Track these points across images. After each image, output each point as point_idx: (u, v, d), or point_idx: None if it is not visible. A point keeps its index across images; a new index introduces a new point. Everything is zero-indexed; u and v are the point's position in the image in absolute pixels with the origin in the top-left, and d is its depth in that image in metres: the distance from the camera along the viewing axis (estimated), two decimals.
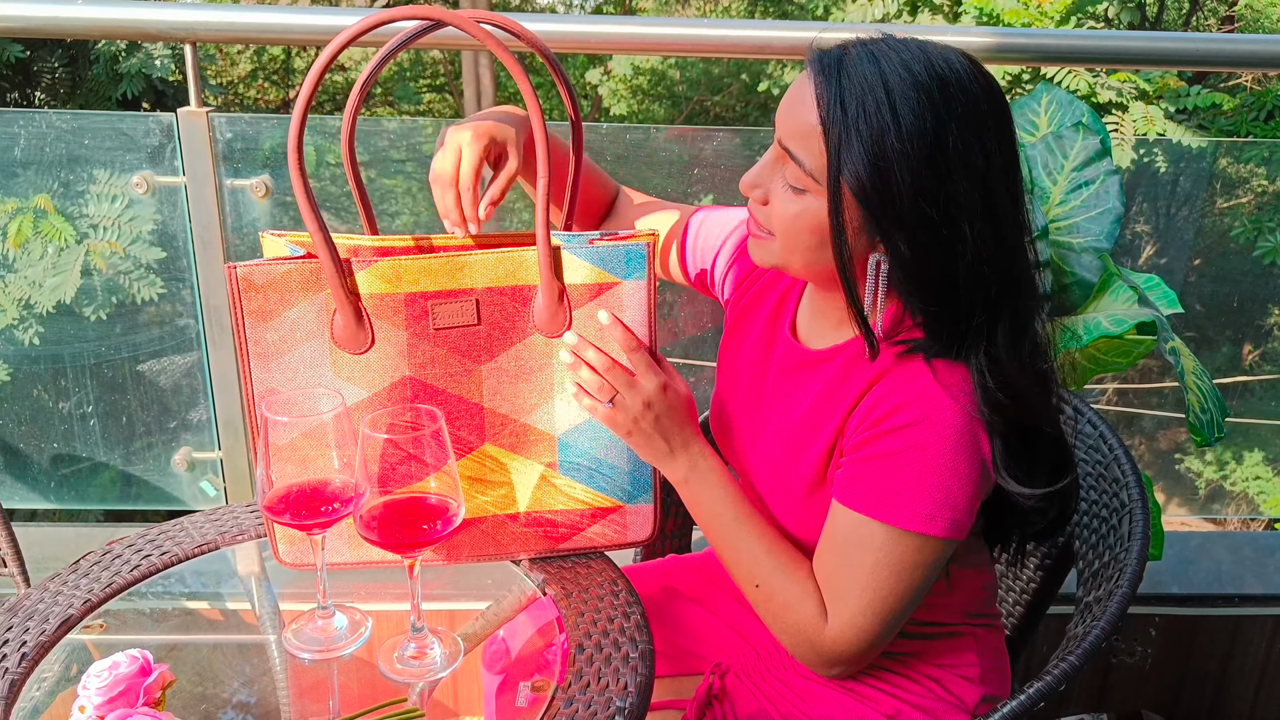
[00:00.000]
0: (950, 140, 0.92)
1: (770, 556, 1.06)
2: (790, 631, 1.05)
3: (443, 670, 1.04)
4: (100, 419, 2.26)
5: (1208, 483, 3.56)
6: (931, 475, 0.98)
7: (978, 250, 0.94)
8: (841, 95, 0.92)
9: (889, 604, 1.01)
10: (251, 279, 1.02)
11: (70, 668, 1.04)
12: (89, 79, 6.14)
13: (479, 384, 1.08)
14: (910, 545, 1.00)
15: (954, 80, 0.93)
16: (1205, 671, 2.04)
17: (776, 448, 1.12)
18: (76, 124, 2.08)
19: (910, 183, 0.91)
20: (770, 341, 1.18)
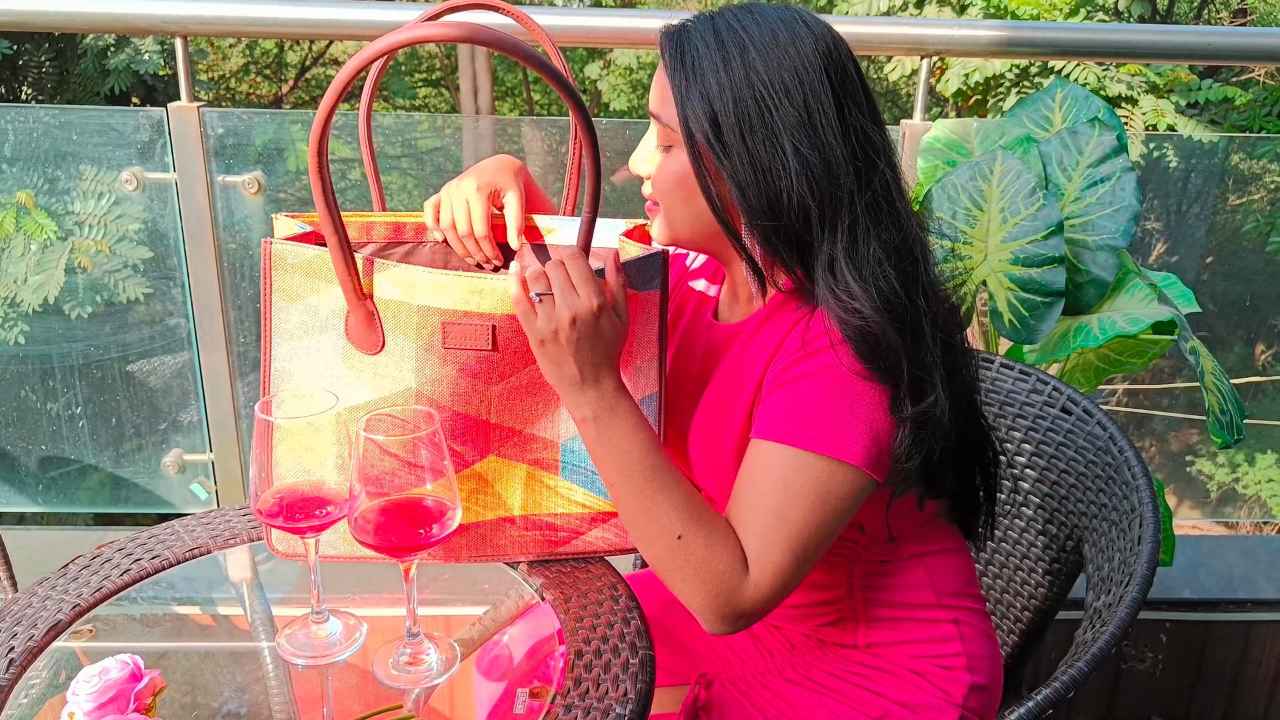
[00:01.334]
0: (774, 70, 1.01)
1: (690, 505, 1.01)
2: (709, 585, 0.99)
3: (439, 676, 1.05)
4: (89, 420, 2.26)
5: (1220, 485, 3.56)
6: (843, 399, 1.00)
7: (800, 174, 1.01)
8: (682, 51, 1.04)
9: (803, 537, 0.99)
10: (284, 257, 1.04)
11: (59, 674, 1.05)
12: (77, 74, 6.14)
13: (488, 403, 1.07)
14: (824, 472, 0.99)
15: (781, 23, 1.03)
16: (1217, 678, 2.04)
17: (708, 426, 1.13)
18: (65, 119, 2.08)
19: (735, 111, 1.01)
20: (695, 333, 1.22)
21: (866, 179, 1.03)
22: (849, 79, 1.04)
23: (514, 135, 2.69)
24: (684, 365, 1.21)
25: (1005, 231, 1.71)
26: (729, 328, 1.16)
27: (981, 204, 1.74)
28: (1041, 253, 1.68)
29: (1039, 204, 1.68)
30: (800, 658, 1.21)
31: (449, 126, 3.77)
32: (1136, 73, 6.78)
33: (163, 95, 6.12)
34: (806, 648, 1.22)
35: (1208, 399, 1.60)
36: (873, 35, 1.91)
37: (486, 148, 3.09)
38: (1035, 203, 1.68)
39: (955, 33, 1.87)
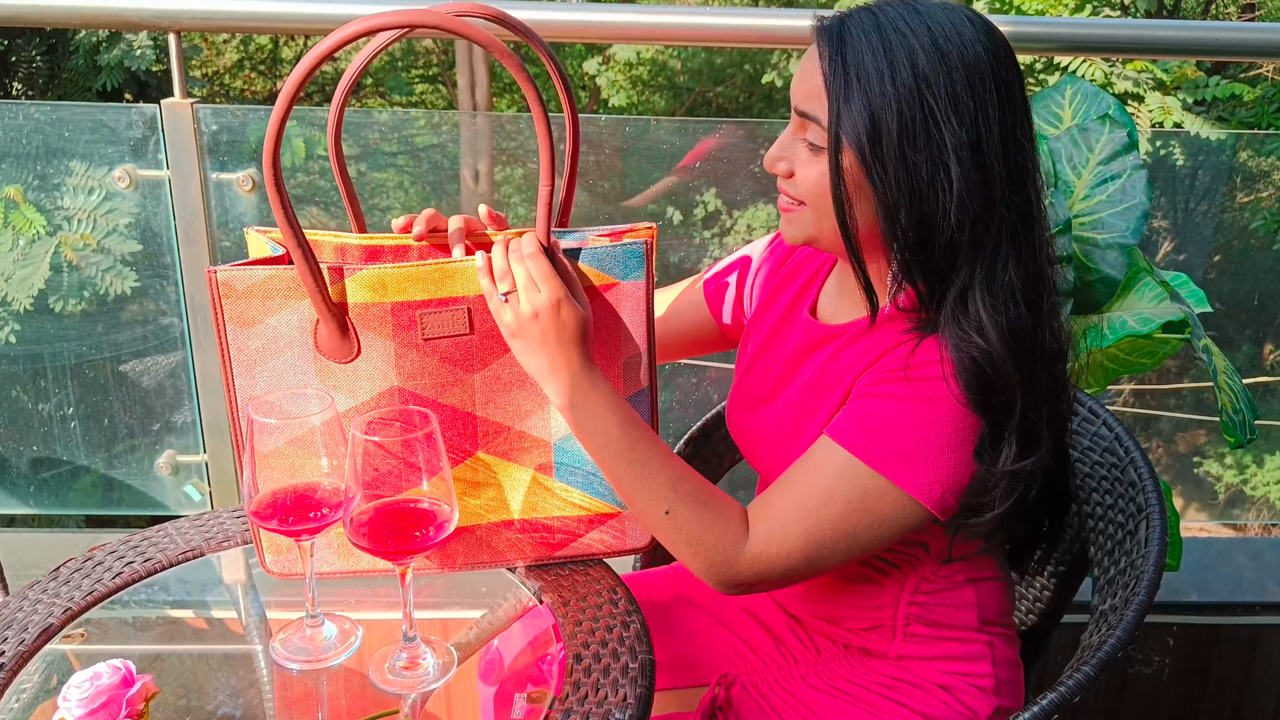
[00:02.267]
0: (942, 85, 0.96)
1: (679, 482, 1.04)
2: (704, 555, 1.03)
3: (436, 681, 1.04)
4: (81, 421, 2.26)
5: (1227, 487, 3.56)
6: (926, 430, 0.99)
7: (961, 201, 0.97)
8: (842, 51, 0.98)
9: (824, 538, 1.01)
10: (232, 284, 1.02)
11: (50, 678, 1.04)
12: (68, 70, 6.14)
13: (472, 393, 1.08)
14: (875, 490, 1.00)
15: (950, 30, 0.98)
16: (1225, 683, 2.04)
17: (786, 418, 1.14)
18: (56, 115, 2.08)
19: (898, 127, 0.96)
20: (790, 324, 1.21)
21: (1014, 201, 1.00)
22: (1014, 90, 1.00)
23: (512, 132, 2.68)
24: (773, 355, 1.21)
25: None
26: (828, 329, 1.15)
27: None
28: None
29: (1047, 201, 1.68)
30: (825, 665, 1.22)
31: (446, 123, 3.77)
32: (1143, 69, 6.79)
33: (156, 92, 6.12)
34: (832, 655, 1.22)
35: (1220, 398, 1.60)
36: None
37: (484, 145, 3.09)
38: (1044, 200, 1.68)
39: None
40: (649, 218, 2.38)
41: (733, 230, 2.53)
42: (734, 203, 2.52)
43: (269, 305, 1.03)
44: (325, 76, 11.86)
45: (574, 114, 1.10)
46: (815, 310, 1.20)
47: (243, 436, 1.04)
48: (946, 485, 1.01)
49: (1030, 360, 1.00)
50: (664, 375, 2.50)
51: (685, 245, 2.46)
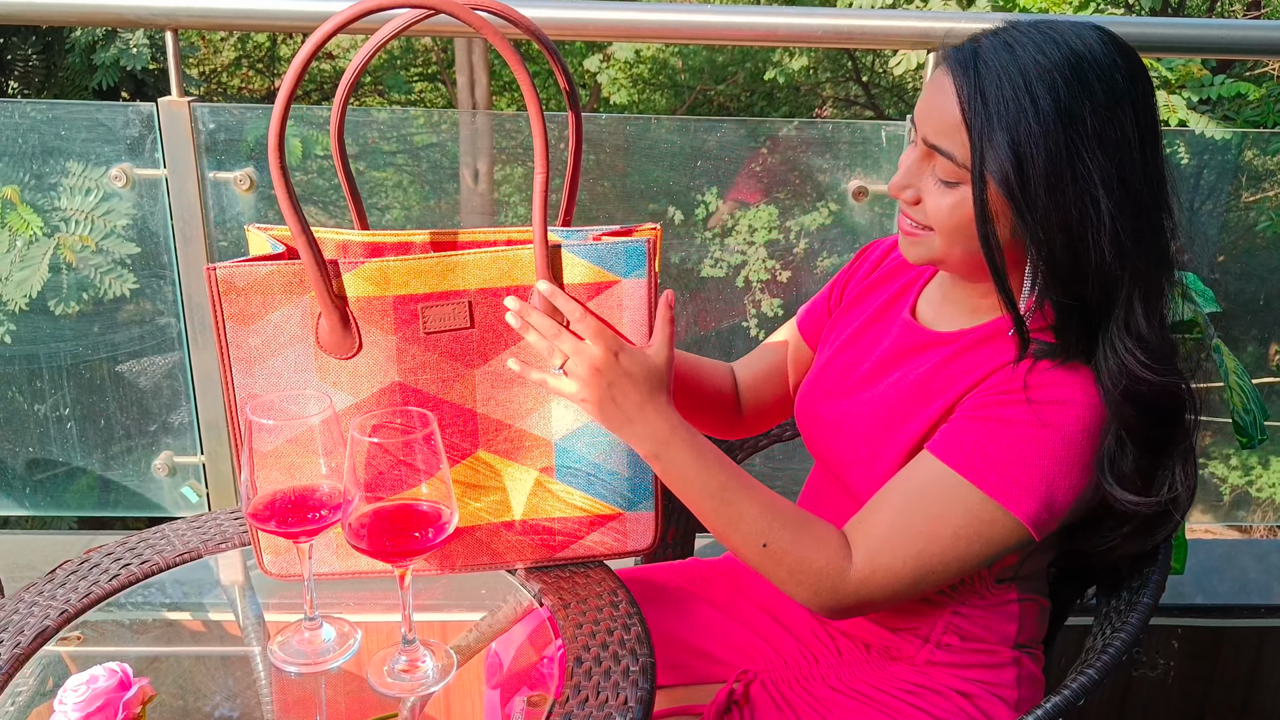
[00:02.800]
0: (1086, 118, 0.95)
1: (772, 513, 1.05)
2: (808, 584, 1.04)
3: (435, 684, 1.04)
4: (77, 422, 2.25)
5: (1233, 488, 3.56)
6: (1048, 459, 1.00)
7: (1114, 232, 0.96)
8: (981, 85, 0.97)
9: (934, 563, 1.02)
10: (232, 281, 1.02)
11: (46, 681, 1.04)
12: (64, 68, 6.14)
13: (472, 389, 1.08)
14: (987, 515, 1.01)
15: (1088, 57, 0.97)
16: (1231, 685, 2.04)
17: (878, 416, 1.13)
18: (52, 114, 2.08)
19: (1045, 163, 0.95)
20: (886, 323, 1.21)
21: (1163, 224, 1.01)
22: (1150, 109, 1.00)
23: (512, 130, 2.68)
24: (862, 349, 1.21)
25: None
26: (933, 334, 1.14)
27: None
28: None
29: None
30: (846, 667, 1.22)
31: (445, 122, 3.77)
32: (1149, 67, 6.78)
33: (152, 90, 6.12)
34: (854, 657, 1.22)
35: (1231, 399, 1.60)
36: (877, 28, 1.90)
37: (484, 143, 3.09)
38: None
39: (962, 26, 1.87)
40: (651, 217, 2.38)
41: (734, 230, 2.52)
42: (735, 202, 2.51)
43: (270, 301, 1.03)
44: (324, 75, 11.87)
45: (577, 113, 1.10)
46: (915, 313, 1.19)
47: (241, 436, 1.04)
48: (1054, 511, 1.01)
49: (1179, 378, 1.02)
50: None
51: (686, 245, 2.46)
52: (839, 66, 11.25)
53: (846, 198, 2.09)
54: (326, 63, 12.00)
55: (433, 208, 2.56)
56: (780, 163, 2.30)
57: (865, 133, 2.16)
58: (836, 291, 1.32)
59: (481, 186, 4.53)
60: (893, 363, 1.16)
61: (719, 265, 2.46)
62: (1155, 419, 1.01)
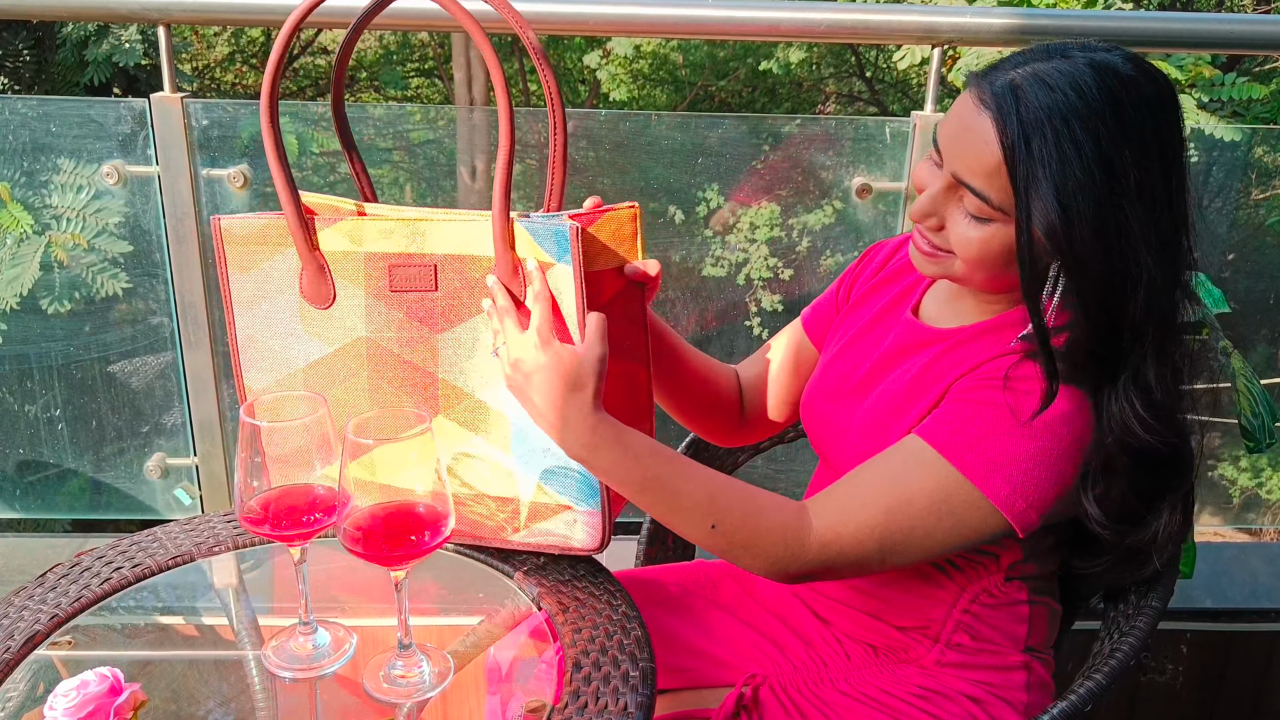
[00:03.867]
0: (1129, 165, 0.95)
1: (714, 495, 1.05)
2: (766, 552, 1.04)
3: (432, 689, 1.04)
4: (69, 423, 2.26)
5: (1242, 491, 3.56)
6: (1021, 443, 1.00)
7: (1151, 285, 0.97)
8: (1024, 131, 0.95)
9: (899, 536, 1.03)
10: (232, 230, 1.14)
11: (37, 687, 1.04)
12: (56, 64, 6.14)
13: (434, 353, 1.11)
14: (960, 494, 1.01)
15: (1127, 96, 0.96)
16: (1240, 691, 2.04)
17: (879, 414, 1.14)
18: (43, 110, 2.08)
19: (1093, 213, 0.95)
20: (889, 321, 1.22)
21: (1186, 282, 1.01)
22: (1182, 148, 1.00)
23: None
24: (865, 348, 1.22)
25: None
26: (932, 331, 1.15)
27: None
28: None
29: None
30: (855, 670, 1.22)
31: (442, 118, 3.77)
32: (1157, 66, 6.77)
33: (145, 86, 6.12)
34: (862, 661, 1.22)
35: (1239, 401, 1.60)
36: (882, 23, 1.90)
37: (481, 140, 3.09)
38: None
39: (968, 21, 1.87)
40: (651, 216, 2.38)
41: (736, 228, 2.52)
42: (737, 204, 2.51)
43: (263, 251, 1.14)
44: (319, 70, 11.87)
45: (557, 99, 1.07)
46: (918, 311, 1.20)
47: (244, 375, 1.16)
48: (1031, 501, 1.01)
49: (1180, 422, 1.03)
50: None
51: (688, 244, 2.46)
52: (842, 62, 11.26)
53: (850, 195, 2.09)
54: (322, 59, 12.00)
55: (429, 205, 2.57)
56: (783, 160, 2.30)
57: (869, 129, 2.16)
58: (844, 289, 1.32)
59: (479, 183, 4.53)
60: (894, 361, 1.17)
61: (720, 264, 2.46)
62: (1146, 470, 1.01)
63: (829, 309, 1.33)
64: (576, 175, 2.43)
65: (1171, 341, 1.01)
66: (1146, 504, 1.04)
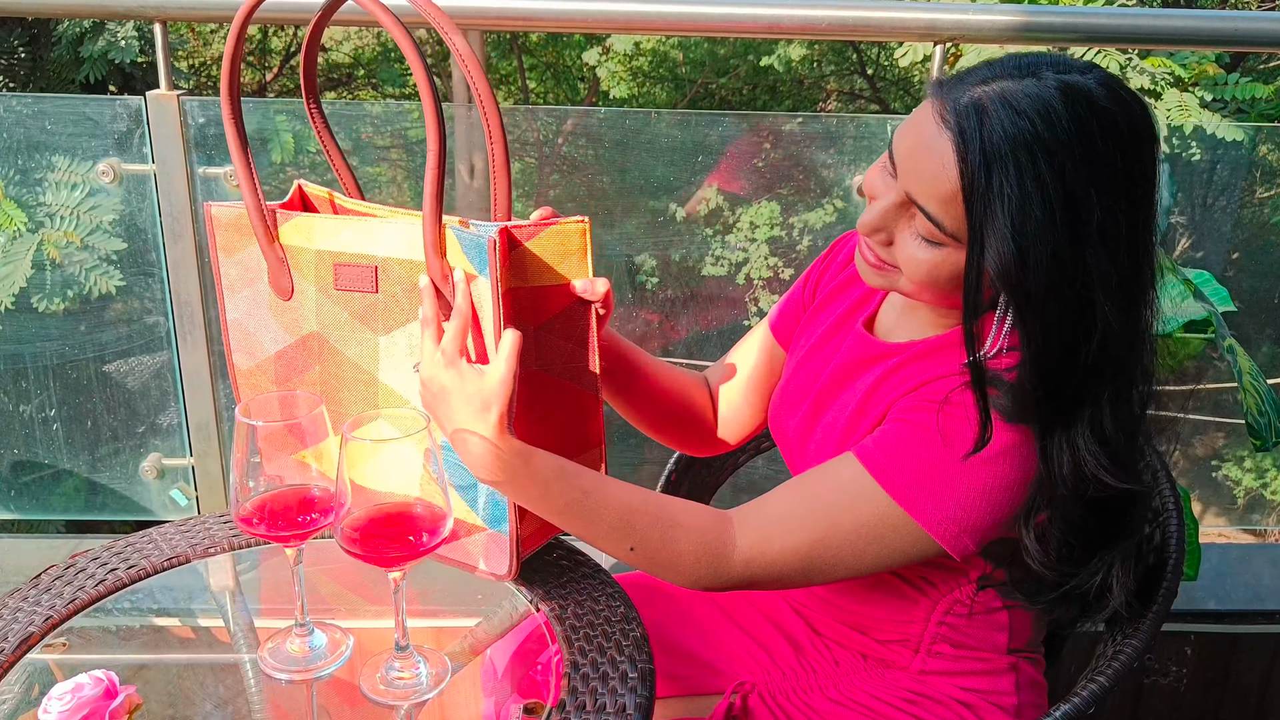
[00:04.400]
0: (1093, 205, 0.91)
1: (630, 518, 1.03)
2: (688, 570, 1.03)
3: (429, 691, 1.04)
4: (63, 423, 2.25)
5: (1247, 491, 3.56)
6: (951, 468, 0.98)
7: (1105, 335, 0.93)
8: (985, 160, 0.90)
9: (826, 555, 1.02)
10: (219, 217, 1.19)
11: (31, 689, 1.04)
12: (51, 61, 6.14)
13: (375, 354, 1.11)
14: (890, 516, 1.00)
15: (1098, 127, 0.91)
16: (1245, 693, 2.04)
17: (833, 434, 1.13)
18: (38, 108, 2.08)
19: (1049, 255, 0.90)
20: (845, 330, 1.20)
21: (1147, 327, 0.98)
22: (1153, 185, 0.95)
23: (508, 125, 2.68)
24: (820, 361, 1.21)
25: None
26: (883, 346, 1.13)
27: None
28: None
29: None
30: (844, 677, 1.22)
31: None
32: (1160, 65, 6.78)
33: (141, 84, 6.12)
34: (851, 667, 1.22)
35: (1245, 400, 1.60)
36: (883, 20, 1.90)
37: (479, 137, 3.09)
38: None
39: (970, 18, 1.87)
40: (651, 214, 2.38)
41: (735, 227, 2.53)
42: (736, 198, 2.51)
43: (241, 239, 1.18)
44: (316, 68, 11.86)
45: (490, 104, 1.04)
46: (873, 324, 1.18)
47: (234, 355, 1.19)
48: (964, 527, 1.00)
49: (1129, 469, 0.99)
50: None
51: (687, 242, 2.46)
52: (843, 59, 11.25)
53: (851, 194, 2.09)
54: (320, 56, 11.99)
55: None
56: (783, 158, 2.30)
57: (870, 127, 2.16)
58: (809, 286, 1.29)
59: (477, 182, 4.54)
60: (848, 377, 1.15)
61: (720, 263, 2.46)
62: (1092, 518, 0.99)
63: (795, 308, 1.30)
64: (576, 173, 2.43)
65: (1131, 390, 0.97)
66: (1087, 552, 1.01)
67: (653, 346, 2.47)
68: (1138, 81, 6.76)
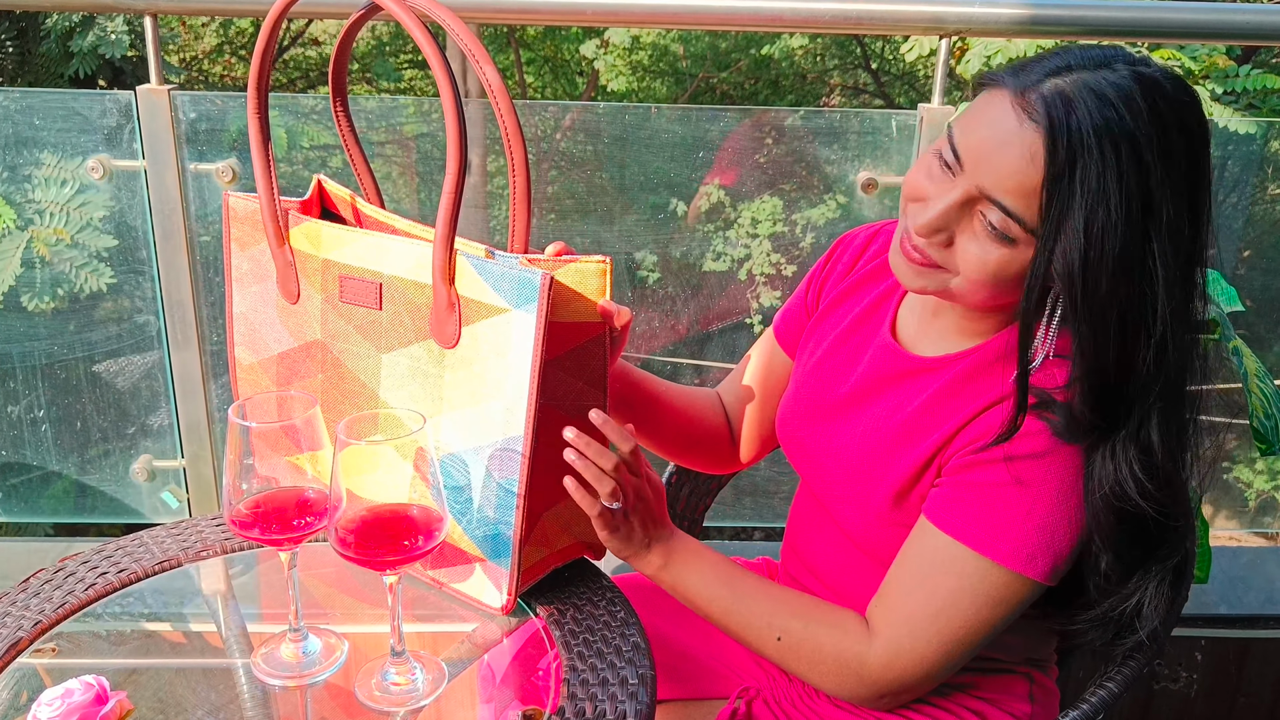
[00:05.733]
0: (1165, 199, 0.91)
1: (779, 606, 1.08)
2: (831, 673, 1.06)
3: (425, 698, 1.04)
4: (52, 424, 2.25)
5: (1258, 494, 3.56)
6: (1041, 514, 0.99)
7: (1163, 339, 0.93)
8: (1072, 152, 0.90)
9: (958, 636, 1.02)
10: (236, 208, 1.19)
11: (20, 696, 1.04)
12: (39, 56, 6.14)
13: (378, 371, 1.11)
14: (1000, 581, 1.00)
15: (1173, 120, 0.92)
16: (1257, 699, 2.04)
17: (864, 451, 1.12)
18: (26, 103, 2.08)
19: (1118, 250, 0.91)
20: (864, 339, 1.18)
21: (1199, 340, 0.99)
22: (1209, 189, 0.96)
23: None
24: (840, 367, 1.19)
25: None
26: (919, 361, 1.11)
27: None
28: None
29: None
30: None
31: (436, 111, 3.76)
32: (1170, 57, 6.78)
33: (131, 79, 6.11)
34: None
35: (1250, 401, 1.60)
36: (888, 13, 1.90)
37: (476, 132, 3.08)
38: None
39: (976, 11, 1.87)
40: (651, 210, 2.38)
41: (736, 223, 2.52)
42: (739, 195, 2.52)
43: (255, 234, 1.18)
44: (309, 62, 11.86)
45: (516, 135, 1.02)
46: (895, 330, 1.16)
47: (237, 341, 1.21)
48: (1061, 556, 1.01)
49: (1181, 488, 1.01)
50: (665, 375, 2.50)
51: (688, 239, 2.46)
52: (847, 53, 11.26)
53: (855, 190, 2.09)
54: (313, 50, 12.00)
55: (423, 200, 2.56)
56: (786, 153, 2.30)
57: (875, 122, 2.16)
58: (813, 292, 1.28)
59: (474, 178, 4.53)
60: (876, 389, 1.14)
61: (722, 259, 2.46)
62: (1132, 534, 0.99)
63: (799, 315, 1.29)
64: (575, 170, 2.43)
65: (1178, 399, 0.98)
66: (1126, 570, 1.02)
67: (654, 345, 2.47)
68: None
